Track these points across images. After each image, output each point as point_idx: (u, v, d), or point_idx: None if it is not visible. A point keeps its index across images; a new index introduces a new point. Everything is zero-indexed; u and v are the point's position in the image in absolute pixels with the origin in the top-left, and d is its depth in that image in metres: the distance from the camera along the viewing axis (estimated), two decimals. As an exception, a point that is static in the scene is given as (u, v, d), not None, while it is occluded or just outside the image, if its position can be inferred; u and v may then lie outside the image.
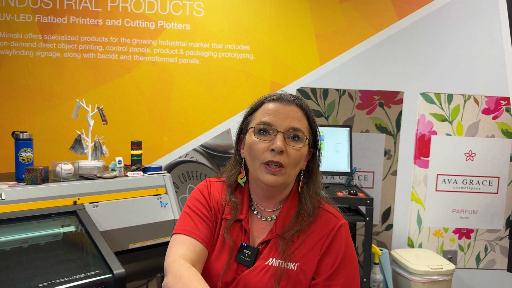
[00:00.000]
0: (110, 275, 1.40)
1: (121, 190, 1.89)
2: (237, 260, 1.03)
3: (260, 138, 1.02)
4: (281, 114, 1.02)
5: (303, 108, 1.06)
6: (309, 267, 1.01)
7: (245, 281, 1.00)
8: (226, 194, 1.11)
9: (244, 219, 1.07)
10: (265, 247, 1.04)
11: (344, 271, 1.01)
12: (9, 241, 1.55)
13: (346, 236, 1.04)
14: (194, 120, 2.97)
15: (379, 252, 2.58)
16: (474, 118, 3.04)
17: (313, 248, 1.02)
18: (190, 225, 1.04)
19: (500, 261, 3.13)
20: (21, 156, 1.81)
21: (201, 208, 1.08)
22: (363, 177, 3.06)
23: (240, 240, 1.05)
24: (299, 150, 1.02)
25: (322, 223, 1.05)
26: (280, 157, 1.00)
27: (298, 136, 1.02)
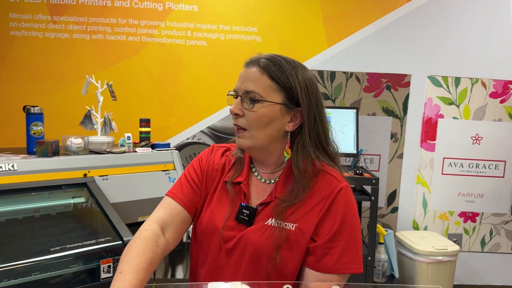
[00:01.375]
0: (120, 242, 1.43)
1: (130, 164, 1.92)
2: (236, 219, 1.05)
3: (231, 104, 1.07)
4: (242, 78, 1.04)
5: (265, 67, 1.01)
6: (307, 228, 1.01)
7: (246, 239, 1.02)
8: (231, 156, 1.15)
9: (244, 182, 1.08)
10: (264, 208, 1.05)
11: (345, 233, 1.00)
12: (21, 210, 1.59)
13: (346, 198, 1.03)
14: (201, 102, 2.99)
15: (384, 232, 2.60)
16: (482, 102, 3.04)
17: (312, 209, 1.02)
18: (177, 188, 1.13)
19: (505, 244, 3.14)
20: (32, 130, 1.84)
21: (192, 174, 1.14)
22: (369, 160, 3.07)
23: (239, 201, 1.08)
24: (256, 112, 1.00)
25: (323, 185, 1.04)
26: (238, 120, 1.04)
27: (252, 98, 1.00)
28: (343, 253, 0.99)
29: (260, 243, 1.01)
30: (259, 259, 1.01)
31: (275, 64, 1.02)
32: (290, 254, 1.00)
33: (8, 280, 1.25)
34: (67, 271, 1.35)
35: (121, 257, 0.97)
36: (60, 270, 1.34)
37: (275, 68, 1.01)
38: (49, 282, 1.31)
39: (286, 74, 1.01)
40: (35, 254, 1.31)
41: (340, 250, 0.99)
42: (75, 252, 1.36)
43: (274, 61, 1.02)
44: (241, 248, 1.03)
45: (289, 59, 1.05)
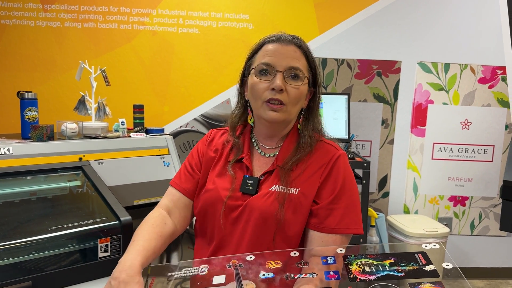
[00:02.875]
0: (117, 222, 1.45)
1: (125, 149, 1.93)
2: (241, 190, 1.10)
3: (261, 78, 1.06)
4: (280, 54, 1.05)
5: (302, 48, 1.09)
6: (309, 191, 1.07)
7: (251, 206, 1.07)
8: (229, 135, 1.20)
9: (245, 157, 1.14)
10: (267, 177, 1.11)
11: (345, 196, 1.07)
12: (17, 192, 1.60)
13: (345, 164, 1.10)
14: (194, 89, 3.00)
15: (376, 215, 2.64)
16: (471, 87, 3.09)
17: (313, 175, 1.08)
18: (177, 177, 1.23)
19: (494, 227, 3.21)
20: (27, 115, 1.85)
21: (191, 160, 1.23)
22: (361, 146, 3.11)
23: (242, 175, 1.13)
24: (298, 88, 1.06)
25: (322, 153, 1.11)
26: (281, 95, 1.05)
27: (297, 75, 1.06)
28: (344, 214, 1.05)
29: (266, 207, 1.05)
30: (265, 223, 1.06)
31: (305, 45, 1.11)
32: (294, 217, 1.05)
33: (7, 258, 1.26)
34: (65, 250, 1.36)
35: (132, 237, 1.08)
36: (58, 249, 1.36)
37: (308, 50, 1.11)
38: (47, 261, 1.33)
39: (313, 57, 1.12)
40: (33, 234, 1.33)
41: (341, 212, 1.05)
42: (73, 231, 1.38)
43: (303, 43, 1.11)
44: (246, 215, 1.07)
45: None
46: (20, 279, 1.25)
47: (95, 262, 1.39)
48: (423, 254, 0.93)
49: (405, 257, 0.93)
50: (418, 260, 0.91)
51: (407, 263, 0.91)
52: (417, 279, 0.86)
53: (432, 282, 0.85)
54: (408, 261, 0.91)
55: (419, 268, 0.89)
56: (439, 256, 1.00)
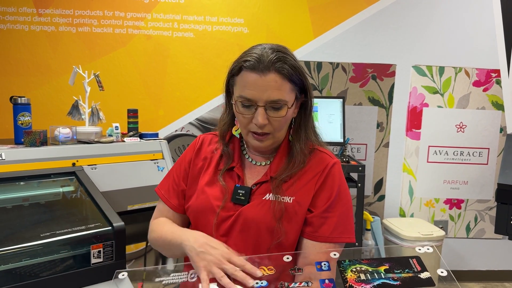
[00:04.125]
0: (110, 228, 1.44)
1: (119, 154, 1.93)
2: (232, 200, 1.08)
3: (243, 112, 1.03)
4: (259, 87, 0.99)
5: (283, 72, 1.00)
6: (304, 200, 1.05)
7: (244, 216, 1.05)
8: (218, 144, 1.16)
9: (236, 166, 1.11)
10: (259, 187, 1.08)
11: (339, 205, 1.06)
12: (9, 198, 1.59)
13: (339, 173, 1.09)
14: (189, 93, 3.00)
15: (371, 218, 2.64)
16: (465, 90, 3.10)
17: (308, 183, 1.07)
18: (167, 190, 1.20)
19: (490, 230, 3.21)
20: (20, 120, 1.84)
21: (179, 173, 1.20)
22: (356, 149, 3.12)
23: (233, 184, 1.10)
24: (284, 117, 1.03)
25: (317, 161, 1.09)
26: (264, 128, 1.03)
27: (279, 107, 1.02)
28: (338, 223, 1.05)
29: (260, 217, 1.04)
30: (259, 233, 1.04)
31: (288, 64, 1.01)
32: (290, 226, 1.04)
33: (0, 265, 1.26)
34: (57, 256, 1.36)
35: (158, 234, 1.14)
36: (51, 255, 1.35)
37: (291, 70, 1.01)
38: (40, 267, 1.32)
39: (298, 71, 1.03)
40: (25, 240, 1.32)
41: (335, 220, 1.05)
42: (65, 237, 1.37)
43: (286, 60, 1.00)
44: (240, 225, 1.05)
45: (286, 49, 1.05)
46: (13, 286, 1.24)
47: (88, 268, 1.39)
48: (417, 259, 0.93)
49: (399, 263, 0.92)
50: (413, 266, 0.91)
51: (402, 269, 0.90)
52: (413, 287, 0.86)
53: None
54: (402, 267, 0.91)
55: (414, 275, 0.88)
56: (434, 260, 0.99)
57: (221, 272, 0.92)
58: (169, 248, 1.10)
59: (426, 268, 0.90)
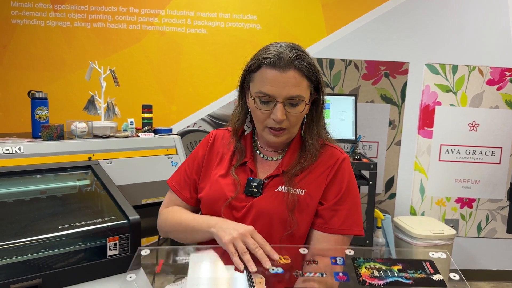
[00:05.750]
0: (125, 221, 1.47)
1: (134, 148, 1.96)
2: (245, 192, 1.12)
3: (261, 107, 1.06)
4: (279, 83, 1.02)
5: (302, 69, 1.03)
6: (315, 193, 1.09)
7: (256, 206, 1.08)
8: (231, 140, 1.20)
9: (249, 161, 1.15)
10: (271, 180, 1.12)
11: (349, 198, 1.10)
12: (27, 191, 1.63)
13: (349, 167, 1.14)
14: (202, 90, 3.02)
15: (382, 216, 2.64)
16: (479, 89, 3.07)
17: (319, 177, 1.11)
18: (179, 183, 1.25)
19: (501, 230, 3.19)
20: (37, 114, 1.87)
21: (192, 167, 1.24)
22: (368, 147, 3.11)
23: (246, 177, 1.14)
24: (301, 113, 1.07)
25: (327, 156, 1.14)
26: (282, 124, 1.06)
27: (298, 103, 1.05)
28: (348, 215, 1.08)
29: (273, 208, 1.07)
30: (271, 224, 1.07)
31: (306, 62, 1.04)
32: (301, 218, 1.08)
33: (18, 256, 1.29)
34: (75, 248, 1.39)
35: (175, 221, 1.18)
36: (68, 247, 1.38)
37: (309, 67, 1.05)
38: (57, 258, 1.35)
39: (314, 69, 1.07)
40: (43, 232, 1.35)
41: (345, 213, 1.08)
42: (82, 230, 1.40)
43: (304, 58, 1.04)
44: (252, 216, 1.09)
45: (302, 48, 1.09)
46: (30, 276, 1.27)
47: (104, 261, 1.42)
48: (430, 263, 0.95)
49: (412, 264, 0.94)
50: (426, 269, 0.93)
51: (415, 270, 0.92)
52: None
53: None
54: (416, 268, 0.93)
55: (427, 276, 0.90)
56: (445, 265, 1.00)
57: (244, 248, 0.95)
58: (191, 233, 1.12)
59: (438, 271, 0.92)
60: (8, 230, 1.35)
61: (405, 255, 2.67)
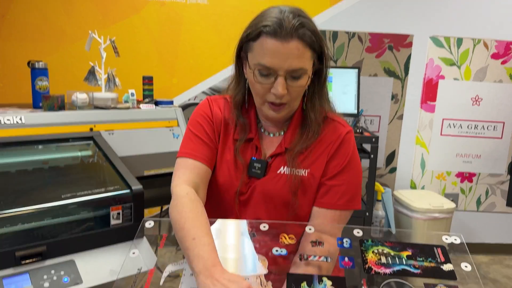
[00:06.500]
0: (128, 191, 1.47)
1: (135, 120, 1.95)
2: (248, 174, 1.08)
3: (261, 80, 0.98)
4: (280, 55, 0.94)
5: (305, 38, 0.95)
6: (318, 172, 1.06)
7: (260, 189, 1.05)
8: (232, 114, 1.12)
9: (255, 137, 1.10)
10: (274, 159, 1.08)
11: (347, 174, 1.06)
12: (29, 161, 1.63)
13: (352, 142, 1.08)
14: (202, 62, 2.98)
15: (382, 189, 2.66)
16: (483, 63, 3.04)
17: (322, 154, 1.07)
18: (192, 147, 1.08)
19: (500, 204, 3.22)
20: (38, 85, 1.86)
21: (201, 130, 1.10)
22: (370, 121, 3.10)
23: (250, 156, 1.09)
24: (302, 85, 1.00)
25: (330, 130, 1.08)
26: (282, 99, 0.99)
27: (300, 76, 0.98)
28: (346, 191, 1.05)
29: (276, 191, 1.04)
30: (275, 206, 1.05)
31: (310, 30, 0.96)
32: (305, 199, 1.05)
33: (22, 224, 1.30)
34: (78, 217, 1.40)
35: (178, 224, 0.94)
36: (71, 216, 1.39)
37: (314, 36, 0.96)
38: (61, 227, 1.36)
39: (318, 37, 0.98)
40: (47, 200, 1.36)
41: (344, 188, 1.05)
42: (85, 199, 1.40)
43: (308, 26, 0.95)
44: (256, 198, 1.06)
45: (305, 12, 1.00)
46: (35, 244, 1.29)
47: (107, 230, 1.43)
48: (442, 249, 0.90)
49: (423, 250, 0.90)
50: (437, 256, 0.89)
51: (425, 258, 0.88)
52: (433, 279, 0.84)
53: (448, 286, 0.82)
54: (426, 255, 0.89)
55: (437, 266, 0.86)
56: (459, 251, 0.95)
57: None
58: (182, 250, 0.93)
59: (449, 260, 0.88)
60: (11, 199, 1.36)
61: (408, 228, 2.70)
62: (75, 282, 1.27)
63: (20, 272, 1.25)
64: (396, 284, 0.85)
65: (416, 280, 0.86)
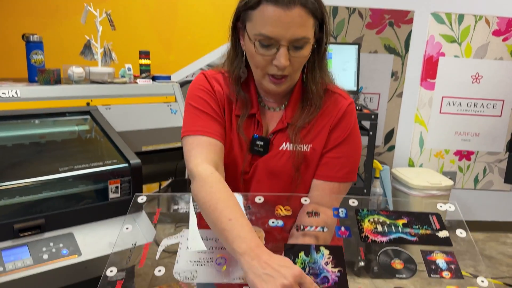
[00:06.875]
0: (126, 165, 1.46)
1: (132, 95, 1.92)
2: (251, 151, 1.05)
3: (262, 52, 0.93)
4: (283, 24, 0.89)
5: (308, 5, 0.91)
6: (320, 146, 1.04)
7: (262, 166, 1.04)
8: (231, 89, 1.07)
9: (257, 112, 1.06)
10: (276, 135, 1.06)
11: (348, 146, 1.04)
12: (26, 135, 1.61)
13: (354, 115, 1.06)
14: (200, 38, 2.94)
15: (380, 167, 2.66)
16: (484, 40, 3.00)
17: (323, 129, 1.05)
18: (202, 124, 1.02)
19: (497, 182, 3.23)
20: (33, 58, 1.83)
21: (206, 106, 1.05)
22: (369, 99, 3.08)
23: (252, 133, 1.07)
24: (304, 56, 0.96)
25: (331, 103, 1.05)
26: (284, 71, 0.95)
27: (303, 46, 0.93)
28: (345, 163, 1.04)
29: (280, 167, 1.03)
30: (278, 183, 1.04)
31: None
32: (308, 174, 1.04)
33: (20, 196, 1.29)
34: (76, 190, 1.39)
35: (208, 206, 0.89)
36: (70, 189, 1.38)
37: (316, 2, 0.93)
38: (59, 200, 1.36)
39: (320, 4, 0.95)
40: (44, 174, 1.35)
41: (343, 161, 1.04)
42: (84, 172, 1.40)
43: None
44: (259, 176, 1.05)
45: None
46: (33, 217, 1.28)
47: (106, 203, 1.43)
48: (437, 216, 0.90)
49: (418, 218, 0.90)
50: (432, 224, 0.89)
51: (421, 225, 0.88)
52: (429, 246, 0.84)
53: (445, 252, 0.83)
54: (421, 223, 0.88)
55: (432, 233, 0.86)
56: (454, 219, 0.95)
57: None
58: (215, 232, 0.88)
59: (445, 227, 0.88)
60: (9, 172, 1.35)
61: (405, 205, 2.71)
62: (73, 254, 1.28)
63: (19, 244, 1.25)
64: (393, 252, 0.85)
65: (413, 248, 0.86)
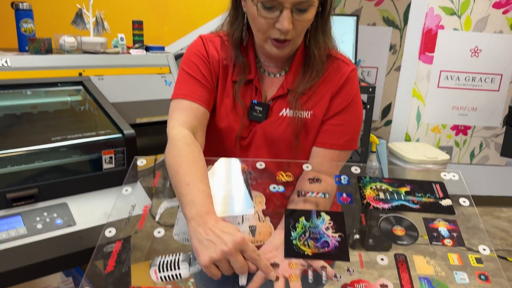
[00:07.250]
0: (120, 135, 1.44)
1: (125, 65, 1.88)
2: (249, 117, 1.03)
3: (265, 15, 0.91)
4: None
5: None
6: (321, 113, 1.02)
7: (261, 132, 1.02)
8: (230, 54, 1.04)
9: (255, 78, 1.04)
10: (276, 101, 1.03)
11: (349, 114, 1.02)
12: (18, 105, 1.58)
13: (356, 81, 1.04)
14: (196, 9, 2.87)
15: (377, 141, 2.65)
16: (484, 12, 2.96)
17: (325, 94, 1.02)
18: (188, 88, 1.01)
19: (493, 157, 3.24)
20: (23, 27, 1.77)
21: (196, 71, 1.03)
22: (367, 72, 3.05)
23: (250, 99, 1.04)
24: (308, 19, 0.93)
25: (334, 69, 1.03)
26: (287, 34, 0.92)
27: (307, 8, 0.91)
28: (346, 131, 1.02)
29: (279, 134, 1.01)
30: (277, 149, 1.02)
31: None
32: (308, 141, 1.03)
33: (12, 166, 1.27)
34: (70, 160, 1.37)
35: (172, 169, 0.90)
36: (63, 159, 1.36)
37: None
38: (53, 170, 1.34)
39: None
40: (37, 143, 1.32)
41: (344, 128, 1.02)
42: (77, 142, 1.37)
43: None
44: (257, 143, 1.03)
45: None
46: (26, 187, 1.27)
47: (100, 173, 1.41)
48: (440, 185, 0.89)
49: (422, 186, 0.88)
50: (435, 192, 0.87)
51: (423, 193, 0.87)
52: (432, 213, 0.83)
53: (447, 220, 0.82)
54: (424, 191, 0.87)
55: (435, 201, 0.85)
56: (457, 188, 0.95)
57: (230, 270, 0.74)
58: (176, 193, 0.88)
59: (448, 195, 0.87)
60: (1, 141, 1.32)
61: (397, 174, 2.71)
62: (68, 224, 1.27)
63: (12, 214, 1.23)
64: (394, 219, 0.84)
65: (415, 215, 0.85)
